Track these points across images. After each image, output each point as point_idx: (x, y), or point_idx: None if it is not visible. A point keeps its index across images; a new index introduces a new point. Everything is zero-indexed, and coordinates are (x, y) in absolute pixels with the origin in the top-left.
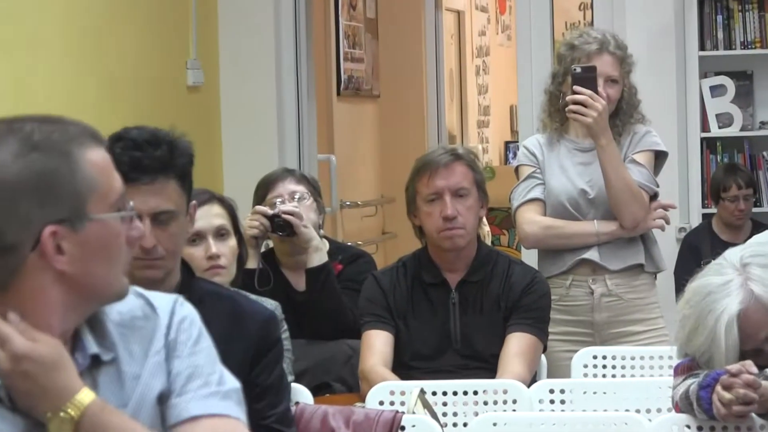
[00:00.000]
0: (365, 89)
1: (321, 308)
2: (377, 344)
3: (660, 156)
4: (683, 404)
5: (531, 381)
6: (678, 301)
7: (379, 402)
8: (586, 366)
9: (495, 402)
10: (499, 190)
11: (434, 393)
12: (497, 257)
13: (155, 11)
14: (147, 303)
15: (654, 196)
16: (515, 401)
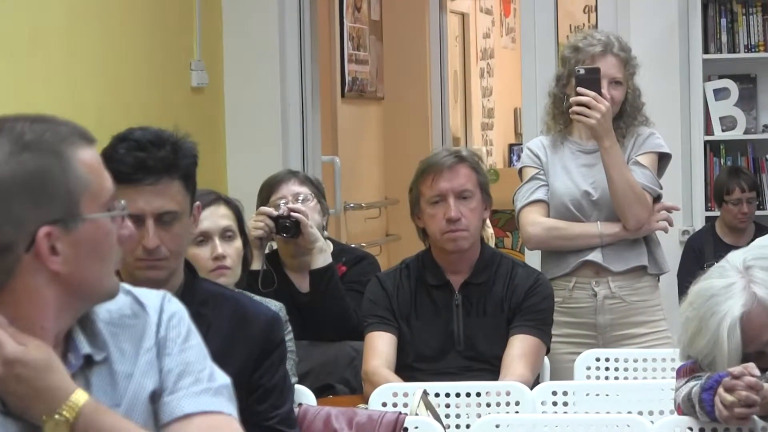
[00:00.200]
0: (369, 91)
1: (324, 310)
2: (380, 346)
3: (663, 158)
4: (685, 406)
5: (534, 383)
6: (681, 304)
7: (382, 403)
8: (589, 368)
9: (498, 404)
10: (503, 193)
11: (437, 394)
12: (501, 259)
13: (159, 12)
14: (135, 300)
15: (657, 198)
16: (518, 403)
